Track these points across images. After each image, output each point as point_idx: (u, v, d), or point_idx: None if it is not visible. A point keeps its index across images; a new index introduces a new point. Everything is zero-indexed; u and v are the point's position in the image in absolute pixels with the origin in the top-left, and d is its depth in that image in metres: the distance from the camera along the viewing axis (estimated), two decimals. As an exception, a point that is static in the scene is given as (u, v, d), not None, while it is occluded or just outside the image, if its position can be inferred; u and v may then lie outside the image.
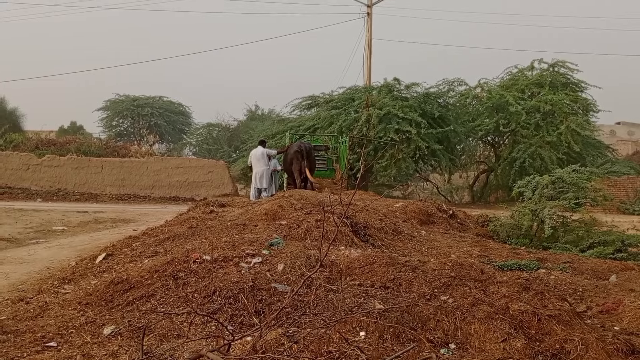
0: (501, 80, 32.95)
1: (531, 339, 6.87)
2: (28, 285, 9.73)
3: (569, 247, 14.35)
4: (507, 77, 33.08)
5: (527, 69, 32.84)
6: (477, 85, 32.78)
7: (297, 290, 6.89)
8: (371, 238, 11.25)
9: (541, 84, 31.31)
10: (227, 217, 12.20)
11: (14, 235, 16.25)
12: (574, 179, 16.98)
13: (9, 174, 30.90)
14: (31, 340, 6.90)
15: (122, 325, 7.09)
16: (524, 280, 8.31)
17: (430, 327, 6.95)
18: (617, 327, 7.77)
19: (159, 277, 8.21)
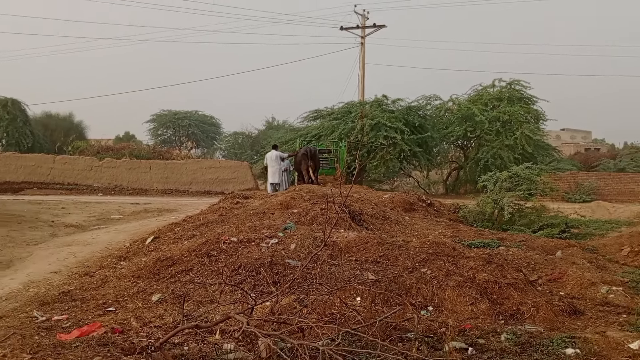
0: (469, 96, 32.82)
1: (493, 302, 6.86)
2: (92, 262, 9.76)
3: (523, 228, 14.33)
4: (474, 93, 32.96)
5: (490, 86, 32.73)
6: (449, 100, 32.67)
7: (306, 264, 6.88)
8: (365, 223, 11.24)
9: (501, 98, 31.22)
10: (250, 207, 12.20)
11: (80, 223, 16.27)
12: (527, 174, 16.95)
13: (76, 173, 30.95)
14: (94, 305, 6.92)
15: (166, 293, 7.11)
16: (487, 256, 8.30)
17: (412, 294, 6.95)
18: (562, 292, 7.77)
19: (195, 255, 8.23)
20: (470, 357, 5.31)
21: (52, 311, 6.73)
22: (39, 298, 7.32)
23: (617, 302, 7.29)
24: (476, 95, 32.52)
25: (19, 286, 8.19)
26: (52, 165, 31.24)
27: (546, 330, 6.21)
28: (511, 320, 6.54)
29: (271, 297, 6.12)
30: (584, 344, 5.73)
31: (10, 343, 5.54)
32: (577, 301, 7.30)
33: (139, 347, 5.24)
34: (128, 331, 5.89)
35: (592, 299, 7.44)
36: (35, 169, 31.04)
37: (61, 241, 12.69)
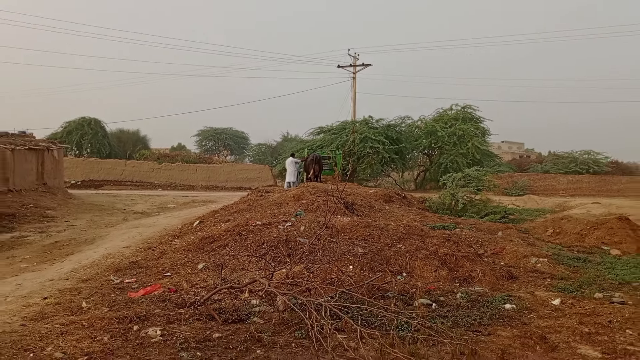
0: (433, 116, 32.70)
1: (451, 270, 6.86)
2: (153, 240, 9.78)
3: (473, 215, 14.32)
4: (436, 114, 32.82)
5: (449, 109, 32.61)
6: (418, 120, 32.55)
7: (312, 241, 6.89)
8: (356, 211, 11.23)
9: (457, 118, 31.12)
10: (270, 199, 12.20)
11: (144, 210, 16.32)
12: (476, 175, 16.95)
13: (141, 174, 31.02)
14: (155, 272, 6.94)
15: (209, 263, 7.12)
16: (447, 235, 8.29)
17: (391, 263, 6.95)
18: (502, 262, 7.76)
19: (230, 234, 8.24)
20: (434, 310, 5.31)
21: (124, 276, 6.76)
22: (115, 266, 7.35)
23: (543, 270, 7.29)
24: (438, 116, 32.45)
25: (99, 257, 8.22)
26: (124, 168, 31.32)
27: (490, 291, 6.22)
28: (464, 283, 6.54)
29: (286, 266, 6.13)
30: (519, 301, 5.74)
31: (94, 299, 5.57)
32: (513, 269, 7.29)
33: (189, 302, 5.26)
34: (180, 291, 5.90)
35: (524, 268, 7.44)
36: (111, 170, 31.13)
37: (131, 224, 12.73)
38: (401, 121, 31.70)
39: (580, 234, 10.06)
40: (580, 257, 8.22)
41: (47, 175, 18.97)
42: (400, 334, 4.25)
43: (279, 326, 4.71)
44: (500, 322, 5.02)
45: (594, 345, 4.45)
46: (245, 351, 4.11)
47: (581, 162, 32.04)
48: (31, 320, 4.82)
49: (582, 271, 7.36)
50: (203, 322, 4.78)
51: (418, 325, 4.39)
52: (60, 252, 8.98)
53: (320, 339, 4.06)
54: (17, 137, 18.74)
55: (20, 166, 17.12)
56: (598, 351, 4.30)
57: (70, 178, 28.89)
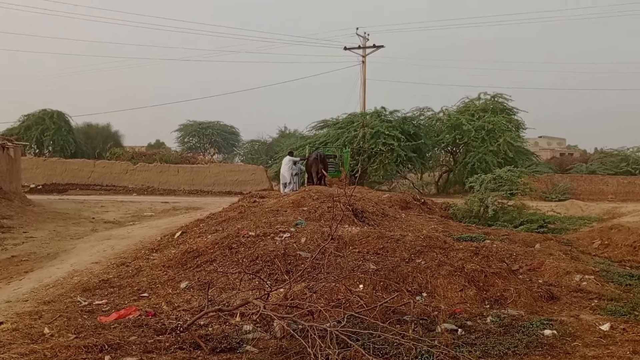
0: (457, 107, 32.74)
1: (480, 289, 6.85)
2: (127, 254, 9.79)
3: (506, 224, 14.29)
4: (462, 105, 32.86)
5: (476, 99, 32.67)
6: (440, 111, 32.64)
7: (315, 256, 6.89)
8: (366, 219, 11.23)
9: (485, 109, 31.15)
10: (265, 206, 12.21)
11: (117, 219, 16.34)
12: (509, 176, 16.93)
13: (113, 176, 31.06)
14: (130, 292, 6.95)
15: (193, 281, 7.12)
16: (474, 248, 8.29)
17: (408, 281, 6.94)
18: (541, 280, 7.74)
19: (218, 247, 8.24)
20: (459, 337, 5.30)
21: (94, 296, 6.77)
22: (82, 285, 7.36)
23: (589, 289, 7.26)
24: (464, 107, 32.48)
25: (64, 275, 8.23)
26: (93, 169, 31.37)
27: (527, 314, 6.20)
28: (496, 305, 6.53)
29: (285, 285, 6.13)
30: (560, 326, 5.72)
31: (57, 324, 5.58)
32: (553, 288, 7.27)
33: (169, 328, 5.26)
34: (160, 314, 5.91)
35: (567, 286, 7.41)
36: (77, 172, 31.16)
37: (101, 235, 12.74)
38: (420, 113, 31.76)
39: (633, 247, 10.02)
40: (634, 274, 8.18)
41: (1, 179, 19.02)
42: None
43: (276, 356, 4.70)
44: (538, 351, 5.00)
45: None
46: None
47: (634, 160, 32.00)
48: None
49: (636, 290, 7.32)
50: (186, 351, 4.78)
51: (441, 355, 4.37)
52: (17, 269, 8.99)
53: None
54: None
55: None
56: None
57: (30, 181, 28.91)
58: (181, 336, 5.04)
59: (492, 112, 30.96)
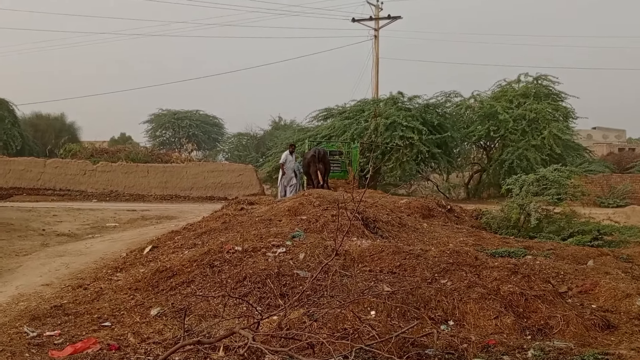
0: (492, 92, 32.79)
1: (519, 316, 6.85)
2: (86, 274, 9.81)
3: (552, 236, 14.26)
4: (497, 89, 32.90)
5: (515, 82, 32.67)
6: (471, 97, 32.68)
7: (316, 275, 6.90)
8: (380, 230, 11.24)
9: (526, 94, 31.15)
10: (256, 214, 12.24)
11: (73, 231, 16.37)
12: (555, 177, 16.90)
13: (68, 178, 31.13)
14: (89, 320, 6.96)
15: (166, 307, 7.14)
16: (512, 265, 8.29)
17: (431, 307, 6.94)
18: (594, 305, 7.73)
19: (197, 266, 8.26)
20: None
21: (44, 326, 6.76)
22: (30, 312, 7.36)
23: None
24: (500, 92, 32.49)
25: (7, 299, 8.24)
26: (43, 170, 31.43)
27: (577, 346, 6.19)
28: (539, 335, 6.53)
29: (279, 311, 6.14)
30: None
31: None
32: (610, 314, 7.26)
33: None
34: (125, 348, 5.91)
35: (627, 312, 7.40)
36: (24, 173, 31.23)
37: (53, 251, 12.76)
38: (446, 99, 31.82)
39: None
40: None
41: None
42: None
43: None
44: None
45: None
46: None
47: None
48: None
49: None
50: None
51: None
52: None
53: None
54: None
55: None
56: None
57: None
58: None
59: (534, 98, 30.94)
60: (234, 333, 5.71)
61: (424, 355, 5.64)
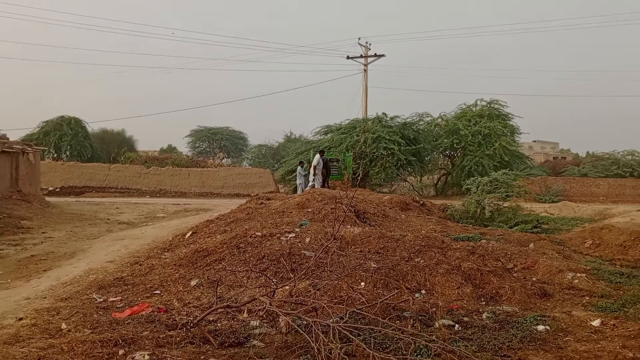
0: (455, 113, 32.68)
1: (476, 286, 6.84)
2: (140, 253, 9.82)
3: (501, 224, 14.26)
4: (459, 110, 32.78)
5: (473, 105, 32.60)
6: (439, 117, 32.60)
7: (318, 255, 6.90)
8: (368, 220, 11.23)
9: (482, 115, 31.10)
10: (272, 207, 12.23)
11: (131, 220, 16.40)
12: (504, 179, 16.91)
13: (127, 179, 31.17)
14: (143, 289, 6.97)
15: (203, 279, 7.14)
16: (471, 247, 8.28)
17: (408, 279, 6.94)
18: (534, 278, 7.73)
19: (227, 247, 8.26)
20: (456, 332, 5.30)
21: (108, 294, 6.79)
22: (98, 283, 7.38)
23: (581, 287, 7.25)
24: (461, 113, 32.43)
25: (80, 273, 8.27)
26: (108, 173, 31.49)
27: (521, 310, 6.19)
28: (491, 301, 6.52)
29: (290, 282, 6.14)
30: (553, 322, 5.71)
31: (74, 320, 5.60)
32: (546, 286, 7.25)
33: (180, 323, 5.27)
34: (171, 310, 5.92)
35: (559, 284, 7.40)
36: (93, 175, 31.29)
37: (115, 235, 12.79)
38: (419, 118, 31.72)
39: (623, 246, 10.00)
40: (624, 272, 8.16)
41: (22, 182, 19.10)
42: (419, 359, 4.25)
43: (281, 350, 4.71)
44: (532, 345, 4.99)
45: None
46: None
47: (624, 164, 31.90)
48: (4, 344, 4.85)
49: (625, 288, 7.30)
50: (196, 345, 4.79)
51: (439, 350, 4.37)
52: (36, 268, 9.02)
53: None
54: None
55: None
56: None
57: (48, 184, 29.06)
58: (191, 331, 5.05)
59: (488, 118, 30.90)
60: (255, 299, 5.71)
61: (402, 316, 5.64)
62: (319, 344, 4.26)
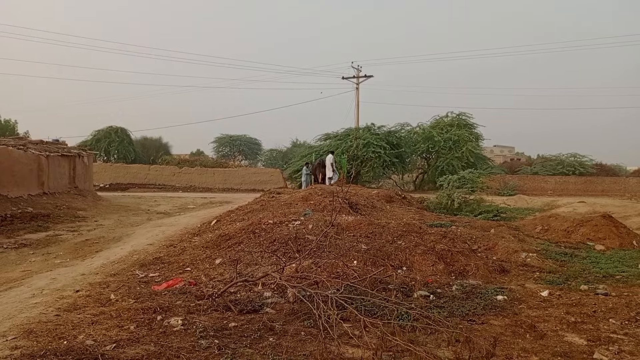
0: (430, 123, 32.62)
1: (447, 264, 6.84)
2: (175, 238, 9.83)
3: (468, 214, 14.25)
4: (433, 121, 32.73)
5: (444, 116, 32.52)
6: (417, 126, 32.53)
7: (319, 238, 6.90)
8: (359, 210, 11.22)
9: (452, 124, 31.03)
10: (281, 200, 12.23)
11: (167, 210, 16.40)
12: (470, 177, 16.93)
13: (164, 177, 31.16)
14: (176, 267, 6.98)
15: (225, 258, 7.15)
16: (443, 232, 8.27)
17: (392, 258, 6.94)
18: (495, 257, 7.72)
19: (244, 232, 8.26)
20: (431, 301, 5.31)
21: (148, 270, 6.80)
22: (140, 261, 7.40)
23: (532, 264, 7.25)
24: (435, 123, 32.38)
25: (126, 253, 8.28)
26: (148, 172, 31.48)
27: (483, 283, 6.20)
28: (459, 276, 6.52)
29: (296, 261, 6.14)
30: (510, 293, 5.72)
31: (121, 292, 5.61)
32: (505, 263, 7.25)
33: (207, 294, 5.28)
34: (199, 284, 5.93)
35: (515, 262, 7.40)
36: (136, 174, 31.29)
37: (154, 223, 12.80)
38: (401, 127, 31.71)
39: (567, 231, 10.00)
40: (567, 252, 8.16)
41: (78, 179, 19.11)
42: (401, 323, 4.25)
43: (289, 316, 4.72)
44: (492, 312, 5.00)
45: (580, 333, 4.42)
46: (259, 339, 4.13)
47: (568, 164, 31.84)
48: (65, 311, 4.87)
49: (568, 265, 7.31)
50: (220, 312, 4.80)
51: (417, 315, 4.38)
52: (90, 249, 9.05)
53: (327, 328, 4.07)
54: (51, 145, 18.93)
55: (54, 171, 17.27)
56: (584, 339, 4.28)
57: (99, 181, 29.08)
58: (216, 301, 5.06)
59: (457, 127, 30.88)
60: (268, 275, 5.72)
61: (387, 288, 5.64)
62: (320, 311, 4.26)
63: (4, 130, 37.63)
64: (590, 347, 4.09)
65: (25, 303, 5.28)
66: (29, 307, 5.11)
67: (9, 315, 4.83)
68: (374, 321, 4.06)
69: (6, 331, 4.31)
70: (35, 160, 16.07)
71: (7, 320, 4.66)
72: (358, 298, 4.77)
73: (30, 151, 16.16)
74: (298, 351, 3.86)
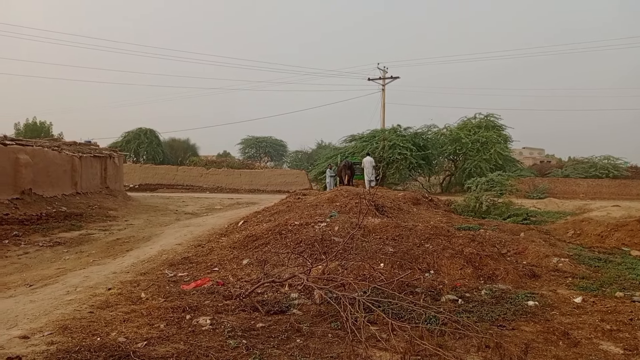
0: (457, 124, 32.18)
1: (476, 268, 6.74)
2: (202, 238, 9.95)
3: (496, 217, 13.98)
4: (461, 122, 32.28)
5: (472, 118, 32.03)
6: (444, 128, 32.13)
7: (345, 240, 6.89)
8: (386, 212, 11.15)
9: (480, 126, 30.56)
10: (307, 201, 12.25)
11: (194, 211, 16.64)
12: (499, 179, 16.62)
13: (191, 178, 31.68)
14: (204, 267, 7.07)
15: (252, 259, 7.20)
16: (471, 235, 8.15)
17: (419, 262, 6.88)
18: (525, 262, 7.56)
19: (271, 233, 8.31)
20: (460, 305, 5.23)
21: (177, 270, 6.90)
22: (169, 261, 7.52)
23: (564, 269, 7.06)
24: (462, 124, 31.93)
25: (155, 253, 8.43)
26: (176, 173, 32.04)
27: (513, 288, 6.07)
28: (488, 281, 6.41)
29: (322, 263, 6.14)
30: (541, 298, 5.59)
31: (151, 290, 5.72)
32: (535, 268, 7.09)
33: (235, 294, 5.34)
34: (227, 284, 5.99)
35: (546, 267, 7.23)
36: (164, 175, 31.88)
37: (182, 223, 13.00)
38: (427, 129, 31.36)
39: (600, 236, 9.71)
40: (601, 258, 7.92)
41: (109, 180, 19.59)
42: (429, 327, 4.20)
43: (316, 318, 4.72)
44: (523, 317, 4.89)
45: (616, 341, 4.28)
46: (286, 340, 4.14)
47: (601, 167, 30.94)
48: (98, 308, 4.99)
49: (602, 271, 7.09)
50: (248, 312, 4.84)
51: (445, 319, 4.32)
52: (121, 248, 9.25)
53: (355, 330, 4.05)
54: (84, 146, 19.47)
55: (86, 171, 17.75)
56: (620, 347, 4.14)
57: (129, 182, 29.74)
58: (243, 301, 5.11)
59: (485, 129, 30.37)
60: (294, 276, 5.73)
61: (414, 292, 5.59)
62: (347, 313, 4.25)
63: (40, 132, 38.92)
64: (627, 357, 3.96)
65: (60, 300, 5.44)
66: (64, 303, 5.26)
67: (45, 312, 4.98)
68: (401, 324, 4.02)
69: (42, 327, 4.45)
70: (69, 161, 16.55)
71: (43, 316, 4.81)
72: (385, 301, 4.74)
73: (65, 152, 16.66)
74: (325, 353, 3.86)
